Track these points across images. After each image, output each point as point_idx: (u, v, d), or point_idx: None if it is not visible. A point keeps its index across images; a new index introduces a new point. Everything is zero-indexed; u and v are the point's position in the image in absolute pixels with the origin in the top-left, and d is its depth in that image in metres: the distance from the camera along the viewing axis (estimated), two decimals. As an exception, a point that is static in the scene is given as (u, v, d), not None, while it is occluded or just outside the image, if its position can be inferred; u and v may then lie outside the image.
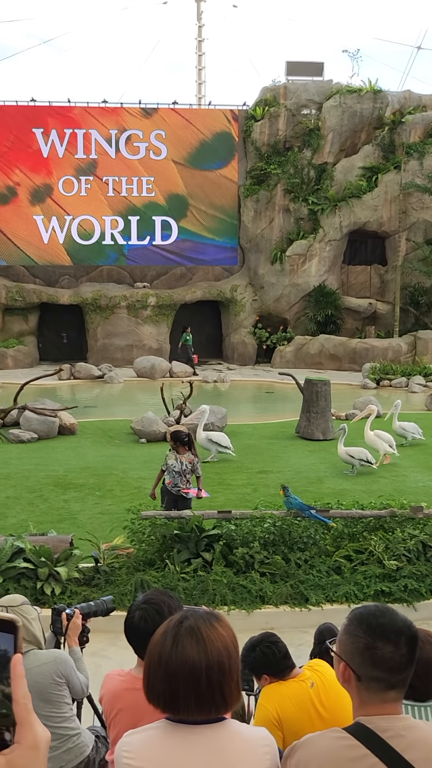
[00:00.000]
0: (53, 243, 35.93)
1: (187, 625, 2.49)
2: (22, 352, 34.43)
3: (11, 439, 19.03)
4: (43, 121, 35.36)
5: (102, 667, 7.37)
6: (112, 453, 17.92)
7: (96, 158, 35.85)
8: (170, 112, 36.21)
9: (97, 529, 11.45)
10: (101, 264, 36.28)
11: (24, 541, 9.64)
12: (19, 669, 1.03)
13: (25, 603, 4.77)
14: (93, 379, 31.28)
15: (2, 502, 13.76)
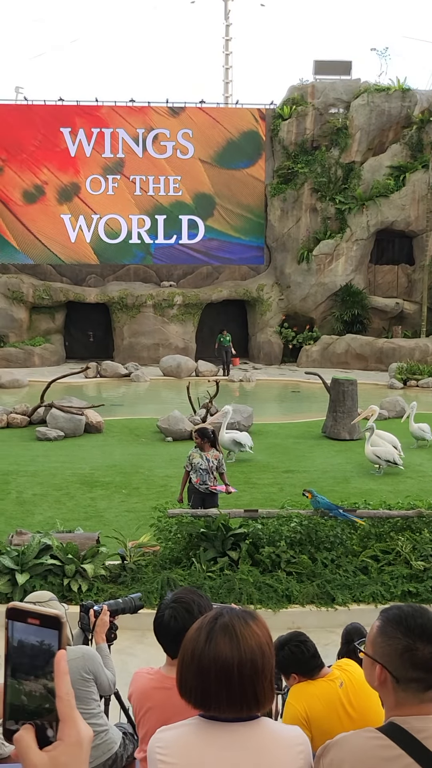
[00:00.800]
0: (80, 242, 36.07)
1: (222, 622, 2.49)
2: (49, 351, 34.60)
3: (38, 436, 19.12)
4: (70, 121, 35.51)
5: (129, 665, 7.39)
6: (139, 451, 17.96)
7: (123, 157, 35.95)
8: (197, 111, 36.23)
9: (124, 526, 11.48)
10: (128, 263, 36.37)
11: (51, 538, 9.68)
12: (63, 665, 1.03)
13: (53, 599, 4.79)
14: (119, 377, 31.36)
15: (29, 499, 13.83)
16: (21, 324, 35.00)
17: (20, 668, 1.05)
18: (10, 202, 35.63)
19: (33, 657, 1.04)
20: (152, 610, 6.63)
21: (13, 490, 14.37)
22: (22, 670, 1.05)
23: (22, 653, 1.04)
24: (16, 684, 1.05)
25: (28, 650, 1.05)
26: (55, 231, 35.87)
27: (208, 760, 2.40)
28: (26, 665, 1.04)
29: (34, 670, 1.04)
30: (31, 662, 1.04)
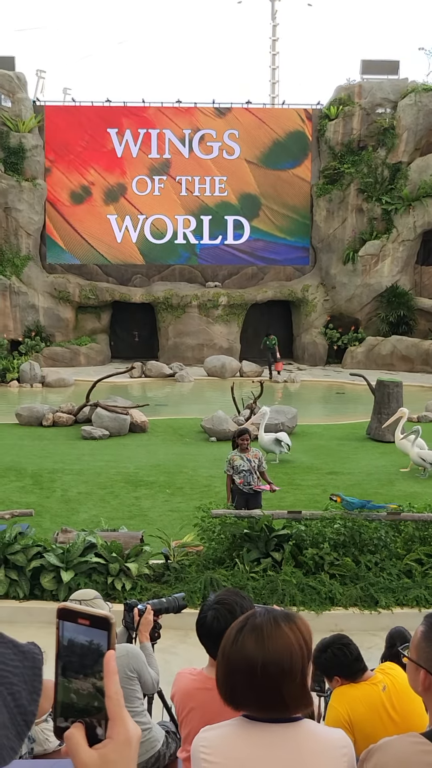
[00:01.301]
0: (126, 242, 36.28)
1: (252, 622, 2.52)
2: (94, 350, 34.87)
3: (84, 435, 19.28)
4: (117, 122, 35.74)
5: (171, 664, 7.42)
6: (183, 451, 18.02)
7: (169, 158, 36.08)
8: (244, 112, 36.24)
9: (167, 526, 11.53)
10: (173, 263, 36.50)
11: (96, 537, 9.76)
12: (112, 665, 1.05)
13: (97, 597, 4.83)
14: (164, 377, 31.50)
15: (74, 497, 13.95)
16: (67, 323, 35.31)
17: (70, 667, 1.07)
18: (57, 202, 35.96)
19: (82, 656, 1.07)
20: (195, 610, 6.66)
21: (58, 489, 14.52)
22: (71, 669, 1.07)
23: (72, 652, 1.07)
24: (66, 682, 1.07)
25: (77, 649, 1.08)
26: (101, 231, 36.12)
27: (251, 759, 2.42)
28: (76, 664, 1.07)
29: (84, 669, 1.07)
30: (80, 661, 1.07)
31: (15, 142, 34.84)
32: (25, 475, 15.44)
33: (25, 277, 34.98)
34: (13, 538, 9.62)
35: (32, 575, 9.44)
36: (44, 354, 33.74)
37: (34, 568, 9.39)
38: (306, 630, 2.53)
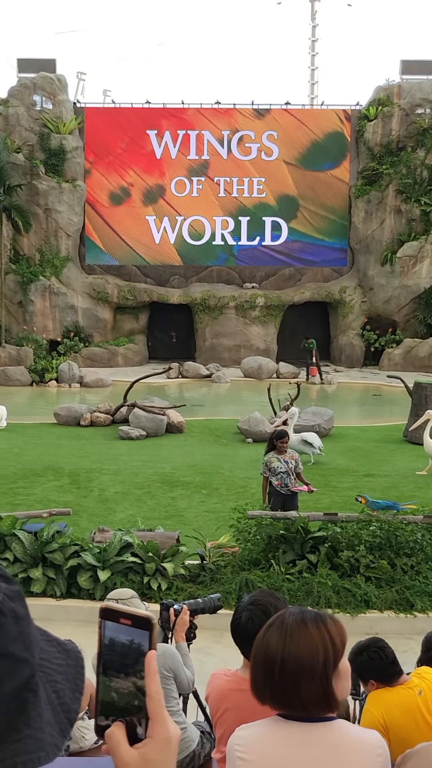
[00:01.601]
0: (164, 243, 36.41)
1: (280, 620, 2.58)
2: (132, 351, 35.04)
3: (121, 435, 19.39)
4: (157, 123, 35.88)
5: (206, 664, 7.45)
6: (219, 452, 18.05)
7: (208, 159, 36.16)
8: (282, 113, 36.20)
9: (203, 527, 11.56)
10: (211, 264, 36.56)
11: (132, 536, 9.82)
12: (153, 665, 1.07)
13: (134, 597, 4.87)
14: (201, 378, 31.56)
15: (111, 497, 14.04)
16: (105, 324, 35.52)
17: (111, 665, 1.10)
18: (96, 203, 36.19)
19: (123, 655, 1.10)
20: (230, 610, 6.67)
21: (95, 488, 14.62)
22: (112, 668, 1.10)
23: (113, 651, 1.10)
24: (106, 681, 1.10)
25: (118, 648, 1.10)
26: (140, 232, 36.29)
27: (285, 758, 2.47)
28: (117, 663, 1.10)
29: (125, 668, 1.09)
30: (121, 660, 1.10)
31: (56, 144, 35.14)
32: (62, 475, 15.57)
33: (65, 278, 35.25)
34: (50, 537, 9.71)
35: (69, 574, 9.51)
36: (82, 354, 33.97)
37: (71, 566, 9.47)
38: (337, 632, 2.54)
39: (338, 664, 2.52)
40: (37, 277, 34.81)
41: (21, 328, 34.63)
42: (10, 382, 28.89)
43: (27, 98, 35.70)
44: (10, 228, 34.86)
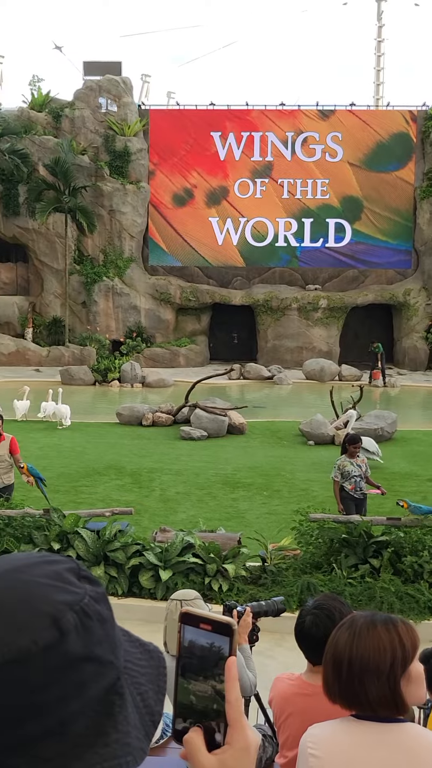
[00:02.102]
0: (227, 244, 36.45)
1: (350, 620, 2.65)
2: (194, 351, 35.15)
3: (182, 436, 19.45)
4: (221, 125, 35.94)
5: (268, 667, 7.41)
6: (280, 454, 17.99)
7: (272, 161, 36.09)
8: (347, 114, 35.95)
9: (265, 528, 11.53)
10: (274, 266, 36.49)
11: (194, 537, 9.83)
12: (233, 671, 1.06)
13: (198, 598, 4.87)
14: (262, 379, 31.51)
15: (173, 497, 14.09)
16: (168, 325, 35.70)
17: (190, 668, 1.09)
18: (160, 205, 36.40)
19: (202, 658, 1.08)
20: (292, 614, 6.63)
21: (157, 488, 14.69)
22: (191, 670, 1.09)
23: (192, 654, 1.08)
24: (185, 683, 1.09)
25: (197, 651, 1.09)
26: (203, 234, 36.38)
27: (357, 756, 2.51)
28: (195, 666, 1.08)
29: (203, 671, 1.08)
30: (200, 663, 1.08)
31: (120, 146, 35.45)
32: (124, 474, 15.68)
33: (128, 279, 35.53)
34: (113, 536, 9.78)
35: (131, 573, 9.57)
36: (145, 354, 34.18)
37: (133, 566, 9.52)
38: (407, 635, 2.56)
39: (408, 667, 2.53)
40: (101, 278, 35.15)
41: (84, 328, 35.00)
42: (73, 382, 29.20)
43: (92, 101, 36.08)
44: (75, 229, 35.27)
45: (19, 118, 35.69)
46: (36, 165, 34.79)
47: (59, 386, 23.18)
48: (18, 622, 0.87)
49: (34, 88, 37.59)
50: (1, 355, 33.81)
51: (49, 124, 36.13)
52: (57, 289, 35.38)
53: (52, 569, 0.94)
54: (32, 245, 35.53)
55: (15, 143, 34.40)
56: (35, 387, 24.23)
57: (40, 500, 12.05)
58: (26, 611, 0.89)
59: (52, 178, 34.08)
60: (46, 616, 0.89)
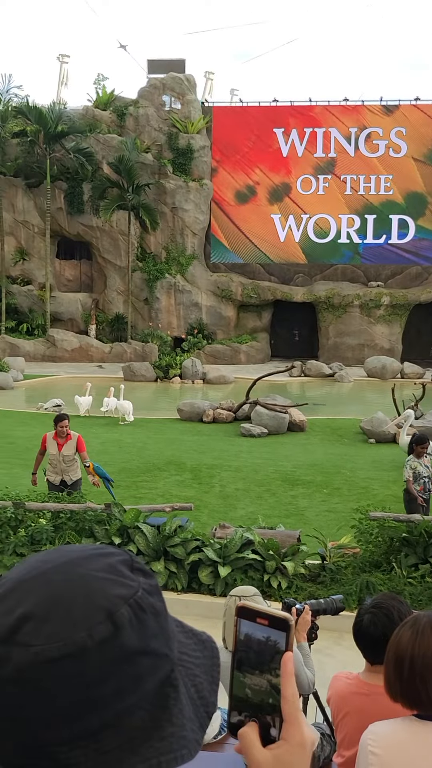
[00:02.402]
0: (289, 241, 36.34)
1: (414, 619, 2.67)
2: (254, 348, 35.13)
3: (242, 432, 19.47)
4: (284, 121, 35.83)
5: (326, 665, 7.39)
6: (340, 452, 17.89)
7: (335, 157, 35.87)
8: (412, 109, 35.53)
9: (324, 526, 11.48)
10: (336, 262, 36.27)
11: (253, 533, 9.84)
12: (290, 667, 1.06)
13: (257, 594, 4.88)
14: (323, 377, 31.35)
15: (232, 493, 14.11)
16: (229, 322, 35.75)
17: (246, 662, 1.09)
18: (222, 202, 36.45)
19: (259, 652, 1.09)
20: (351, 612, 6.60)
21: (216, 484, 14.73)
22: (247, 664, 1.09)
23: (248, 647, 1.09)
24: (240, 676, 1.10)
25: (254, 645, 1.10)
26: (265, 231, 36.33)
27: (417, 755, 2.53)
28: (252, 659, 1.09)
29: (260, 665, 1.09)
30: (257, 657, 1.09)
31: (183, 144, 35.59)
32: (184, 470, 15.75)
33: (190, 276, 35.67)
34: (173, 531, 9.84)
35: (190, 568, 9.62)
36: (206, 351, 34.29)
37: (192, 561, 9.57)
38: None
39: None
40: (163, 275, 35.36)
41: (146, 325, 35.26)
42: (135, 378, 29.43)
43: (156, 99, 36.28)
44: (138, 226, 35.54)
45: (84, 117, 36.08)
46: (100, 163, 35.15)
47: (121, 382, 23.38)
48: (74, 616, 0.88)
49: (99, 87, 37.98)
50: (65, 351, 34.25)
51: (114, 122, 36.44)
52: (120, 286, 35.70)
53: (107, 562, 0.95)
54: (96, 243, 35.91)
55: (80, 142, 34.80)
56: (97, 383, 24.49)
57: (102, 495, 12.19)
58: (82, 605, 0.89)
59: (116, 176, 34.39)
60: (101, 610, 0.89)
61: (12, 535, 10.17)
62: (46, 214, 35.07)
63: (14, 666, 0.86)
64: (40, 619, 0.87)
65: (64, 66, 38.68)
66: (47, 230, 35.07)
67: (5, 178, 35.64)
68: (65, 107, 36.11)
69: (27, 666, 0.86)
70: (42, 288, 35.63)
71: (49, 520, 10.33)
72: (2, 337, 34.20)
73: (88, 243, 36.39)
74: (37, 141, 34.81)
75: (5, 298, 35.00)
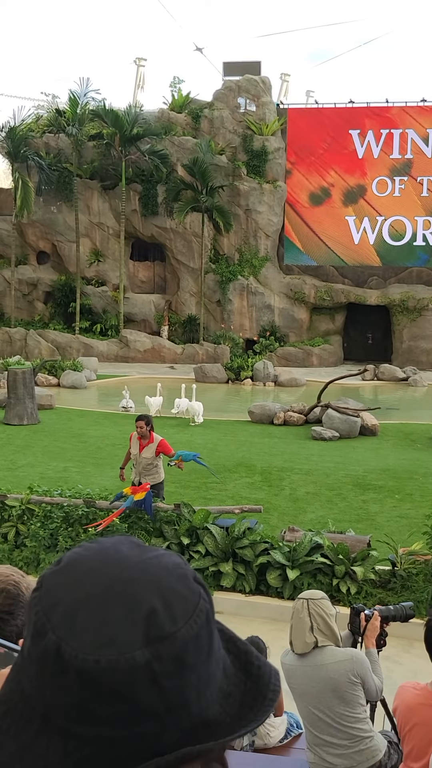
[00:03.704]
0: (363, 244, 36.01)
1: None
2: (327, 351, 34.92)
3: (313, 436, 19.36)
4: (360, 123, 35.53)
5: (394, 673, 7.30)
6: (413, 457, 17.64)
7: (411, 158, 35.41)
8: None
9: (395, 532, 11.33)
10: (411, 265, 35.81)
11: (323, 538, 9.77)
12: None
13: (324, 598, 4.83)
14: (396, 381, 30.98)
15: (302, 497, 14.04)
16: (301, 324, 35.61)
17: None
18: (297, 204, 36.32)
19: None
20: (421, 620, 6.49)
21: (287, 487, 14.67)
22: None
23: None
24: None
25: None
26: (339, 233, 36.08)
27: None
28: None
29: None
30: None
31: (258, 146, 35.60)
32: (255, 472, 15.72)
33: (263, 278, 35.66)
34: (242, 533, 9.84)
35: (259, 571, 9.60)
36: (277, 354, 34.22)
37: (260, 563, 9.55)
38: None
39: None
40: (236, 277, 35.41)
41: (219, 327, 35.35)
42: (206, 379, 29.51)
43: (231, 101, 36.35)
44: (212, 228, 35.66)
45: (159, 120, 36.36)
46: (175, 165, 35.38)
47: (192, 383, 23.50)
48: (183, 593, 0.89)
49: (175, 90, 38.22)
50: (137, 351, 34.56)
51: (189, 124, 36.63)
52: (193, 288, 35.87)
53: (172, 561, 0.94)
54: (169, 244, 36.15)
55: (155, 144, 35.09)
56: (169, 384, 24.64)
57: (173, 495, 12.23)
58: (178, 582, 0.90)
59: (190, 178, 34.57)
60: (189, 579, 0.91)
61: (83, 533, 10.29)
62: (120, 216, 35.45)
63: (168, 658, 0.85)
64: (163, 608, 0.87)
65: (141, 69, 39.04)
66: (122, 232, 35.45)
67: (81, 180, 36.13)
68: (141, 110, 36.43)
69: (180, 651, 0.86)
70: (116, 289, 36.02)
71: (122, 519, 10.42)
72: (77, 338, 34.68)
73: (161, 245, 36.65)
74: (113, 143, 35.23)
75: (80, 299, 35.49)
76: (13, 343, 33.97)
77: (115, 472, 13.92)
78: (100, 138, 36.10)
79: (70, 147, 35.85)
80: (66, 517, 10.50)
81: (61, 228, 36.70)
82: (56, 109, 37.54)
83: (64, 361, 30.15)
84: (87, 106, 35.52)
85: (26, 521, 10.66)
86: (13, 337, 34.13)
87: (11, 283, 35.91)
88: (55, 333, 34.88)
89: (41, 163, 35.24)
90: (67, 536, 10.26)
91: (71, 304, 35.80)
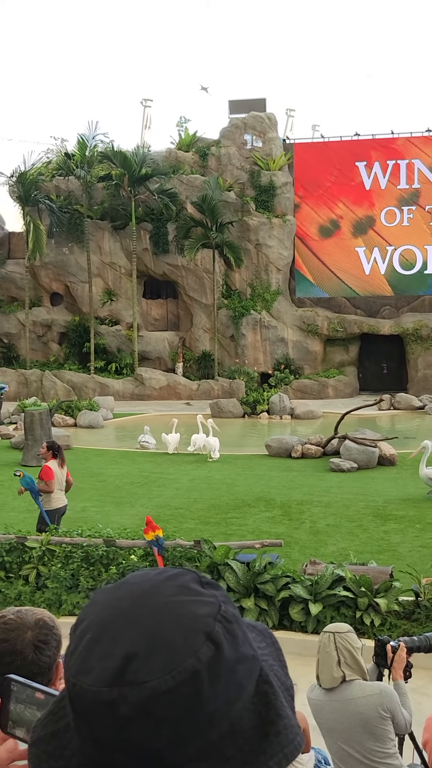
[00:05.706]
0: (374, 274, 36.12)
1: None
2: (342, 382, 34.89)
3: (332, 467, 19.29)
4: (366, 155, 35.81)
5: (422, 705, 7.20)
6: (433, 486, 17.52)
7: (419, 188, 35.62)
8: None
9: (418, 562, 11.23)
10: (423, 294, 35.86)
11: (344, 570, 9.70)
12: None
13: (350, 631, 4.80)
14: (413, 410, 30.87)
15: (322, 529, 13.96)
16: (315, 356, 35.64)
17: None
18: (306, 237, 36.52)
19: None
20: (448, 651, 6.42)
21: (307, 520, 14.59)
22: None
23: None
24: None
25: None
26: (349, 264, 36.22)
27: None
28: None
29: None
30: None
31: (266, 181, 35.90)
32: (274, 506, 15.66)
33: (275, 312, 35.78)
34: (263, 568, 9.78)
35: (281, 605, 9.52)
36: (293, 386, 34.21)
37: (282, 598, 9.48)
38: None
39: None
40: (249, 311, 35.54)
41: (233, 362, 35.42)
42: (222, 414, 29.52)
43: (238, 138, 36.74)
44: (223, 264, 35.88)
45: (167, 159, 36.78)
46: (184, 203, 35.71)
47: (209, 417, 23.50)
48: (176, 645, 0.90)
49: (182, 129, 38.70)
50: (153, 389, 34.64)
51: (196, 162, 37.02)
52: (206, 324, 36.01)
53: (178, 584, 0.98)
54: (181, 281, 36.37)
55: (164, 183, 35.46)
56: (185, 420, 24.64)
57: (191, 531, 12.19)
58: (179, 633, 0.92)
59: (200, 215, 34.86)
60: (198, 633, 0.92)
61: (104, 572, 10.27)
62: (132, 255, 35.74)
63: (132, 704, 0.88)
64: (145, 656, 0.90)
65: (147, 110, 39.60)
66: (134, 271, 35.71)
67: (92, 221, 36.51)
68: (149, 150, 36.88)
69: (145, 701, 0.88)
70: (130, 328, 36.22)
71: (140, 558, 10.39)
72: (92, 377, 34.83)
73: (173, 282, 36.89)
74: (122, 184, 35.63)
75: (94, 339, 35.69)
76: (29, 384, 34.15)
77: (134, 511, 13.92)
78: (110, 179, 36.54)
79: (80, 189, 36.29)
80: (86, 557, 10.48)
81: (73, 269, 37.03)
82: (65, 152, 38.05)
83: (80, 401, 30.24)
84: (95, 148, 36.00)
85: (47, 562, 10.64)
86: (29, 379, 34.32)
87: (26, 325, 36.18)
88: (70, 373, 35.06)
89: (52, 206, 35.67)
90: (88, 576, 10.23)
91: (86, 344, 36.01)
